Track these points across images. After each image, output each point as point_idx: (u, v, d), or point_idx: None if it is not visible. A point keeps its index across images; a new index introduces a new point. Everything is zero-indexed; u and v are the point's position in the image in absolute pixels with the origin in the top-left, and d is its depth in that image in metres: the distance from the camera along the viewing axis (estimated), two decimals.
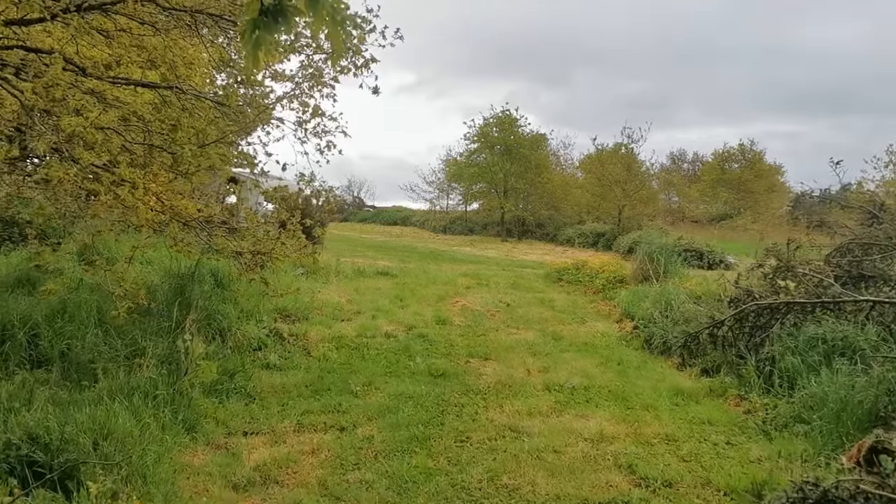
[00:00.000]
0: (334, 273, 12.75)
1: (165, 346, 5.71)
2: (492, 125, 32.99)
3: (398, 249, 25.00)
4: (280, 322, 8.42)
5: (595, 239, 27.81)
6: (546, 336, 8.88)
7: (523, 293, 12.35)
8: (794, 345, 5.77)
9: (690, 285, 10.49)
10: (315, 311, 9.23)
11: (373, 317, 9.26)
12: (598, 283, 12.21)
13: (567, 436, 5.03)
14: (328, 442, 4.80)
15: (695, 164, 51.77)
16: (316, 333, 8.10)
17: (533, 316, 10.16)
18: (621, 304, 10.43)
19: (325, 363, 6.92)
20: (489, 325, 9.38)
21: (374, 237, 33.69)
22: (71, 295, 6.22)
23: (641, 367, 7.37)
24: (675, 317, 8.53)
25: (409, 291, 11.47)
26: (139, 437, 4.02)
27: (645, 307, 9.35)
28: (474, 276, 14.37)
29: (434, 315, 9.57)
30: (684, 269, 12.02)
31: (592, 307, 11.08)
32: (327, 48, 7.19)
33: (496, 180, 33.17)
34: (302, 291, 10.09)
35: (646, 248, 11.83)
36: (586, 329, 9.45)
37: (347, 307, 9.92)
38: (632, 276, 11.95)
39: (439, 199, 43.11)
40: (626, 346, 8.55)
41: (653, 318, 8.90)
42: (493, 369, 7.10)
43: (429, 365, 7.02)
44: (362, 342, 7.90)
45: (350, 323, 8.94)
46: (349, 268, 13.78)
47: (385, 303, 10.33)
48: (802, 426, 4.96)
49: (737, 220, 33.50)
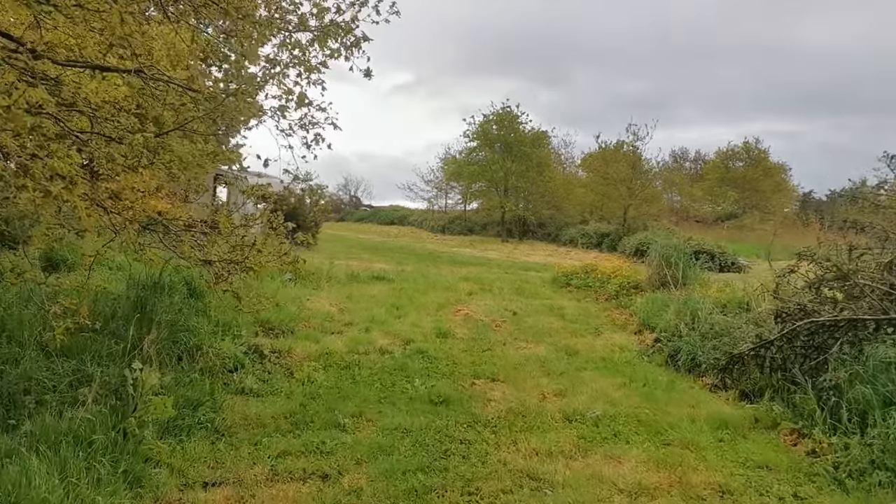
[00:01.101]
0: (326, 278, 11.84)
1: (117, 373, 4.80)
2: (492, 122, 32.10)
3: (395, 251, 24.11)
4: (262, 336, 7.52)
5: (599, 239, 26.94)
6: (559, 351, 7.99)
7: (530, 300, 11.46)
8: (861, 370, 4.88)
9: (713, 292, 9.62)
10: (302, 322, 8.32)
11: (366, 329, 8.36)
12: (611, 288, 11.32)
13: (598, 486, 4.14)
14: (306, 497, 3.90)
15: (697, 162, 51.00)
16: (302, 349, 7.20)
17: (542, 326, 9.27)
18: (638, 314, 9.55)
19: (309, 387, 6.01)
20: (495, 337, 8.48)
21: (371, 237, 32.79)
22: (10, 310, 5.31)
23: (670, 389, 6.49)
24: (702, 330, 7.64)
25: (407, 298, 10.57)
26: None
27: (667, 318, 8.46)
28: (476, 281, 13.48)
29: (434, 326, 8.68)
30: (703, 274, 11.15)
31: (606, 316, 10.20)
32: (314, 27, 6.31)
33: (496, 179, 32.28)
34: (289, 300, 9.20)
35: (661, 252, 10.95)
36: (602, 342, 8.57)
37: (339, 317, 9.02)
38: (647, 282, 11.06)
39: (438, 199, 42.25)
40: (649, 362, 7.67)
41: (677, 330, 8.02)
42: (502, 393, 6.21)
43: (429, 389, 6.12)
44: (353, 360, 6.99)
45: (341, 336, 8.04)
46: (343, 272, 12.87)
47: (380, 312, 9.43)
48: (884, 473, 4.08)
49: (743, 219, 32.65)
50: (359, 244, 26.56)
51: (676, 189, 41.13)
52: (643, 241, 22.97)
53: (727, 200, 35.80)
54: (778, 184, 39.64)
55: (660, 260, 10.87)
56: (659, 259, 10.88)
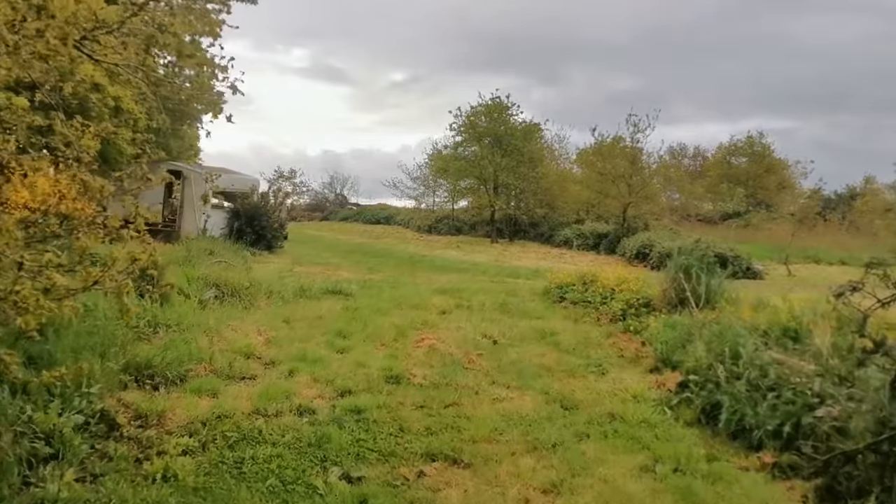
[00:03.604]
0: (266, 294, 9.66)
1: None
2: (480, 114, 29.90)
3: (373, 254, 21.93)
4: (131, 390, 5.34)
5: (596, 241, 24.85)
6: (551, 402, 5.84)
7: (516, 320, 9.31)
8: None
9: (747, 313, 7.51)
10: (202, 363, 6.12)
11: (290, 371, 6.18)
12: (616, 306, 9.18)
13: None
14: None
15: (696, 159, 49.07)
16: (185, 411, 5.03)
17: (530, 361, 7.12)
18: (654, 343, 7.42)
19: (161, 492, 3.83)
20: (466, 381, 6.31)
21: (351, 238, 30.60)
22: None
23: (716, 478, 4.35)
24: (750, 376, 5.51)
25: (361, 322, 8.39)
26: None
27: (696, 353, 6.32)
28: (454, 294, 11.33)
29: (385, 365, 6.51)
30: (729, 288, 9.02)
31: (611, 344, 8.05)
32: None
33: (485, 175, 30.10)
34: (199, 328, 7.02)
35: (680, 262, 8.81)
36: (609, 386, 6.42)
37: (261, 352, 6.84)
38: (660, 298, 8.94)
39: (425, 197, 40.04)
40: (675, 419, 5.53)
41: (711, 372, 5.88)
42: (462, 490, 4.06)
43: (350, 489, 3.96)
44: (253, 429, 4.81)
45: (252, 384, 5.86)
46: (294, 284, 10.69)
47: (319, 343, 7.26)
48: None
49: (749, 217, 30.62)
50: (334, 246, 24.37)
51: (675, 186, 39.14)
52: (645, 243, 20.89)
53: (735, 197, 33.64)
54: (782, 180, 37.69)
55: (676, 272, 8.74)
56: (676, 270, 8.75)
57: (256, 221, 18.60)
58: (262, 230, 18.54)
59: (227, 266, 10.45)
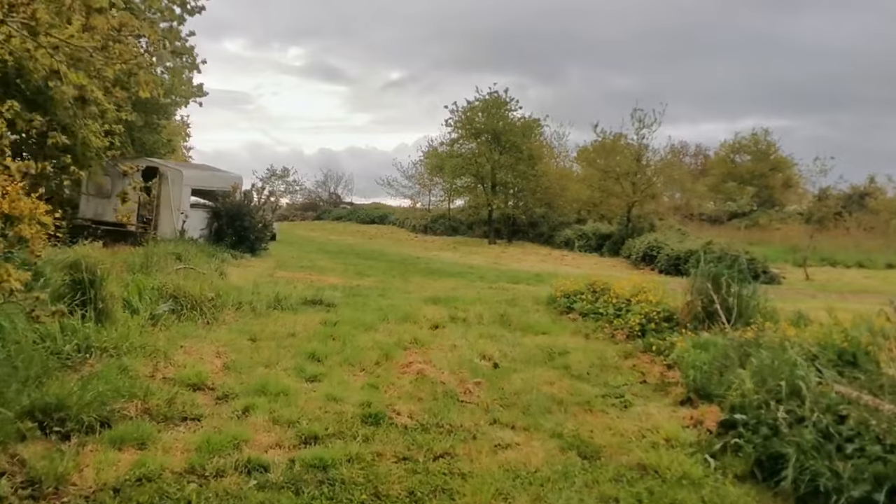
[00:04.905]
0: (234, 305, 8.50)
1: None
2: (477, 110, 28.74)
3: (364, 256, 20.77)
4: (33, 441, 4.18)
5: (599, 242, 23.73)
6: (567, 449, 4.70)
7: (519, 336, 8.17)
8: None
9: (792, 332, 6.39)
10: (135, 399, 4.96)
11: (245, 410, 5.02)
12: (633, 320, 8.04)
13: None
14: None
15: (697, 157, 48.06)
16: (93, 471, 3.87)
17: (538, 390, 5.97)
18: (683, 368, 6.28)
19: None
20: (461, 420, 5.16)
21: (343, 239, 29.42)
22: None
23: None
24: (821, 424, 4.37)
25: (340, 342, 7.23)
26: None
27: (742, 386, 5.18)
28: (448, 304, 10.18)
29: (363, 399, 5.36)
30: (763, 299, 7.91)
31: (631, 367, 6.91)
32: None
33: (483, 173, 28.97)
34: (136, 351, 5.87)
35: (707, 271, 7.68)
36: (634, 424, 5.28)
37: (214, 380, 5.68)
38: (685, 312, 7.81)
39: (420, 196, 38.91)
40: (722, 474, 4.39)
41: (767, 413, 4.74)
42: None
43: None
44: (181, 499, 3.66)
45: (193, 429, 4.69)
46: (268, 293, 9.52)
47: (286, 369, 6.11)
48: None
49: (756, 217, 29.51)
50: (324, 248, 23.19)
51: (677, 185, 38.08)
52: (652, 245, 19.76)
53: (746, 196, 32.47)
54: (788, 179, 36.63)
55: (702, 282, 7.61)
56: (702, 280, 7.62)
57: (238, 222, 17.39)
58: (245, 231, 17.34)
59: (193, 273, 9.27)
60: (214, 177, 18.63)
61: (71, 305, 6.07)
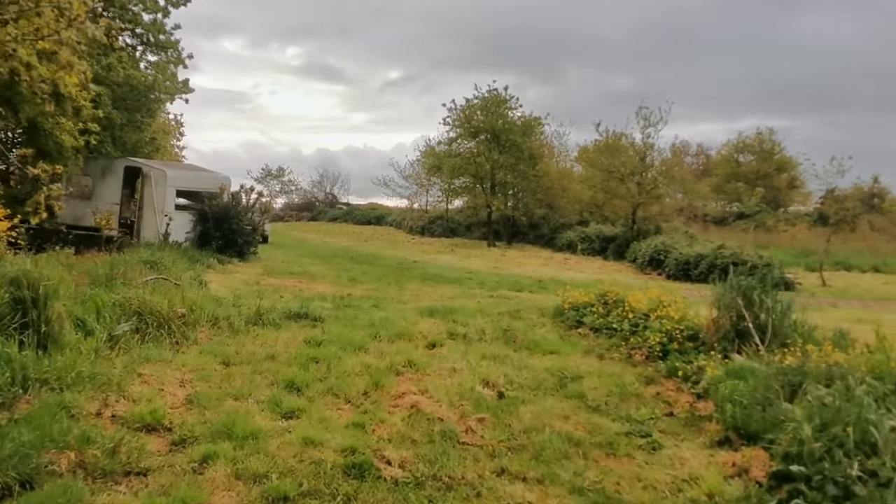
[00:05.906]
0: (209, 321, 7.65)
1: None
2: (476, 108, 27.91)
3: (358, 259, 19.94)
4: None
5: (603, 244, 22.92)
6: None
7: (525, 356, 7.35)
8: None
9: (840, 356, 5.58)
10: (69, 449, 4.11)
11: (203, 460, 4.18)
12: (652, 339, 7.21)
13: None
14: None
15: (699, 157, 47.27)
16: None
17: (551, 427, 5.14)
18: (717, 400, 5.46)
19: None
20: (461, 469, 4.33)
21: (338, 240, 28.57)
22: None
23: None
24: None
25: (324, 366, 6.39)
26: None
27: (797, 429, 4.36)
28: (446, 316, 9.35)
29: (346, 444, 4.52)
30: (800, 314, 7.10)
31: (654, 396, 6.09)
32: None
33: (482, 173, 28.15)
34: (85, 382, 5.05)
35: (737, 283, 6.86)
36: (666, 472, 4.46)
37: (173, 419, 4.84)
38: (711, 330, 6.99)
39: (418, 196, 38.08)
40: None
41: (834, 467, 3.92)
42: None
43: None
44: None
45: (136, 489, 3.85)
46: (249, 307, 8.68)
47: (259, 402, 5.27)
48: None
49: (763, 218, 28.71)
50: (317, 251, 22.35)
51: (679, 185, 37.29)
52: (659, 248, 18.94)
53: (755, 198, 31.58)
54: (793, 179, 35.87)
55: (732, 297, 6.80)
56: (731, 295, 6.80)
57: (226, 224, 16.55)
58: (233, 234, 16.50)
59: (165, 285, 8.43)
60: (200, 177, 17.77)
61: (9, 329, 5.24)
